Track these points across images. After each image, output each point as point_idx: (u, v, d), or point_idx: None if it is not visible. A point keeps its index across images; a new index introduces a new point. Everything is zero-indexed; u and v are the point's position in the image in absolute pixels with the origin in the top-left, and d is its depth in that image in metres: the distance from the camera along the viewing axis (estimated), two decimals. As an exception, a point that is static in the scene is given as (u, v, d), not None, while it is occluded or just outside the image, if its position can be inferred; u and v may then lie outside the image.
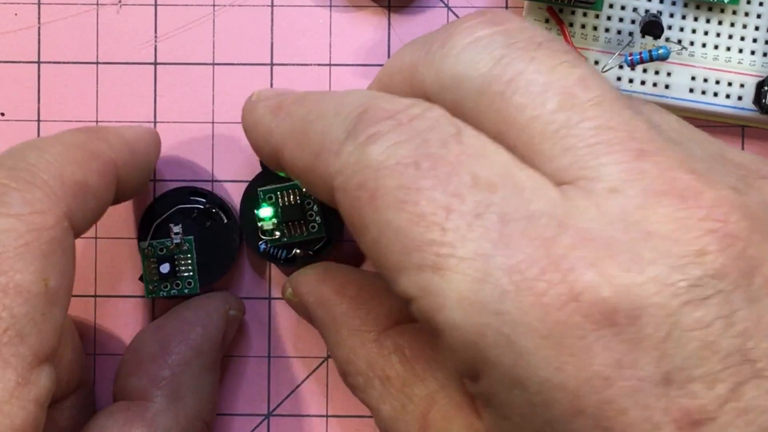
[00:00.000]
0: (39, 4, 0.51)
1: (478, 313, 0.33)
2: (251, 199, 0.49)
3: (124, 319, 0.51)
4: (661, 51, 0.47)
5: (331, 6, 0.51)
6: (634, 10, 0.49)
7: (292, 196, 0.49)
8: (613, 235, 0.33)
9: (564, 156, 0.35)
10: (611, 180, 0.34)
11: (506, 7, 0.51)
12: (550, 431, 0.33)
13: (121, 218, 0.51)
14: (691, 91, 0.49)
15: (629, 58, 0.47)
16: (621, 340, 0.32)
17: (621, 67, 0.49)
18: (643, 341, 0.32)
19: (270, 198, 0.49)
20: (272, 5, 0.51)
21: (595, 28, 0.49)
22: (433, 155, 0.34)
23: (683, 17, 0.49)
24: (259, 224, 0.49)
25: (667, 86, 0.49)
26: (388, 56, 0.51)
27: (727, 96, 0.49)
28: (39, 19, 0.51)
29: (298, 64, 0.51)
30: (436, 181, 0.34)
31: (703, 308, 0.31)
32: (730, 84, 0.49)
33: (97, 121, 0.51)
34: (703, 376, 0.31)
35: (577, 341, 0.32)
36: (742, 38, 0.49)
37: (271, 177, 0.49)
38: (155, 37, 0.51)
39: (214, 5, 0.51)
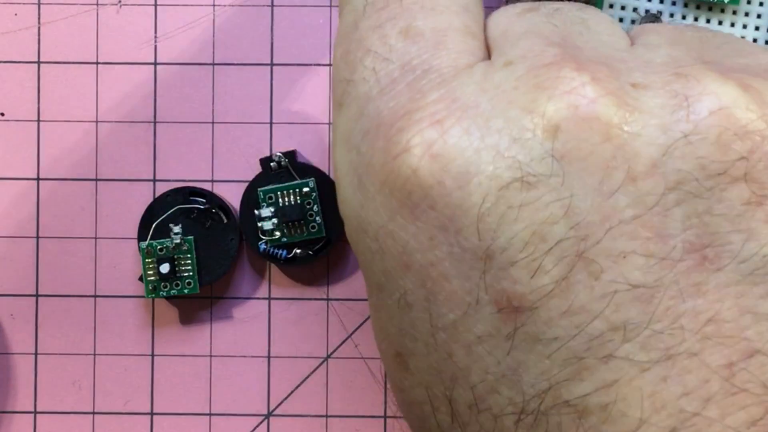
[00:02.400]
0: (39, 4, 0.51)
1: (345, 142, 0.34)
2: (251, 199, 0.49)
3: (124, 319, 0.51)
4: (661, 51, 0.47)
5: (331, 6, 0.51)
6: (634, 10, 0.49)
7: (292, 196, 0.49)
8: (478, 101, 0.32)
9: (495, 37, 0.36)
10: (512, 55, 0.33)
11: (506, 5, 0.51)
12: (385, 282, 0.33)
13: (121, 218, 0.51)
14: (691, 91, 0.49)
15: (629, 58, 0.47)
16: (447, 203, 0.30)
17: (621, 67, 0.49)
18: (469, 208, 0.30)
19: (270, 198, 0.49)
20: (272, 5, 0.51)
21: (595, 28, 0.49)
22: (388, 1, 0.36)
23: (683, 17, 0.49)
24: (259, 224, 0.49)
25: (667, 86, 0.49)
26: (388, 56, 0.51)
27: (727, 96, 0.49)
28: (39, 19, 0.51)
29: (298, 64, 0.51)
30: (375, 23, 0.35)
31: (538, 188, 0.29)
32: (730, 84, 0.49)
33: (96, 121, 0.51)
34: (527, 262, 0.29)
35: (405, 193, 0.32)
36: (742, 38, 0.49)
37: (270, 177, 0.49)
38: (155, 37, 0.51)
39: (214, 5, 0.51)
